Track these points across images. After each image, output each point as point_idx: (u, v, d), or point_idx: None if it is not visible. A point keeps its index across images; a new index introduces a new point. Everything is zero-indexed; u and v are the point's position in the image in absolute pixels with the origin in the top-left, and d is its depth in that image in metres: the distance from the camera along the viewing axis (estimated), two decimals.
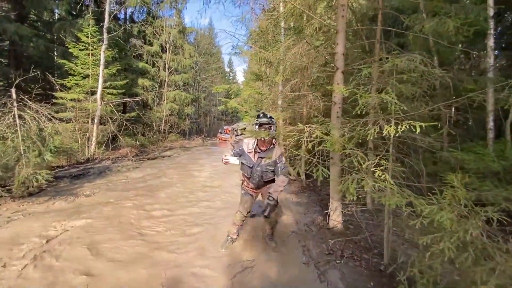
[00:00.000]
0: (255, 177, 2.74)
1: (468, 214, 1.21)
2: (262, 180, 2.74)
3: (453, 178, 1.31)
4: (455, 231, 1.14)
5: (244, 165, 2.78)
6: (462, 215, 1.21)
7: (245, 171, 2.80)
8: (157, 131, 14.27)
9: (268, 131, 2.62)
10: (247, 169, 2.76)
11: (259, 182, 2.76)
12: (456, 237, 1.12)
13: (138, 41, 14.52)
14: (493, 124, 3.50)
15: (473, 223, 1.11)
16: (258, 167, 2.70)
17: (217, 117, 31.82)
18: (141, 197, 4.81)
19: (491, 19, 3.45)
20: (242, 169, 2.83)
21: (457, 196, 1.25)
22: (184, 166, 8.50)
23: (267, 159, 2.65)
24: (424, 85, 2.84)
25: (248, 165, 2.73)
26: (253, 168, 2.73)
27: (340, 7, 2.82)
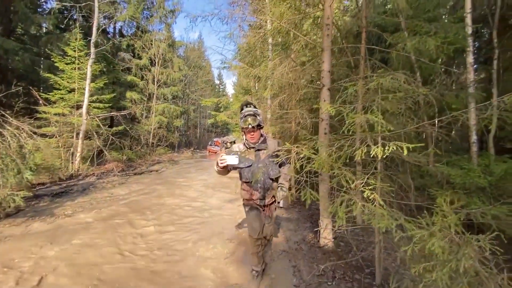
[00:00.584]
0: (259, 180, 2.33)
1: (459, 241, 1.17)
2: (270, 178, 2.35)
3: (442, 202, 1.29)
4: (448, 260, 1.11)
5: (243, 171, 2.39)
6: (454, 242, 1.18)
7: (245, 177, 2.39)
8: (145, 144, 14.01)
9: (254, 119, 2.28)
10: (247, 172, 2.37)
11: (265, 184, 2.34)
12: (448, 267, 1.08)
13: (127, 54, 14.48)
14: (476, 137, 3.57)
15: (465, 253, 1.08)
16: (259, 163, 2.34)
17: (207, 129, 31.67)
18: (125, 216, 4.60)
19: (469, 37, 3.59)
20: (242, 177, 2.42)
21: (447, 222, 1.22)
22: (171, 182, 8.29)
23: (265, 152, 2.37)
24: (408, 102, 2.89)
25: (248, 166, 2.35)
26: (254, 166, 2.35)
27: (325, 26, 2.87)
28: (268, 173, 2.35)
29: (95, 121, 9.70)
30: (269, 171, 2.35)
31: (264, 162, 2.35)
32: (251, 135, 2.32)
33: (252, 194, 2.41)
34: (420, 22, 3.46)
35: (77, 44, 9.31)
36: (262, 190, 2.37)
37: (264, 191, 2.37)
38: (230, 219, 4.62)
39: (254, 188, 2.39)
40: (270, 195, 2.41)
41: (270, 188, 2.39)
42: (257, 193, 2.39)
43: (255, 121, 2.25)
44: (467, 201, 2.31)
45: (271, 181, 2.38)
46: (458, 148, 4.50)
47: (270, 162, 2.34)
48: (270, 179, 2.37)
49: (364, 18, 3.41)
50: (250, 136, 2.34)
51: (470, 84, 3.53)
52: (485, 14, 4.66)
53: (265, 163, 2.35)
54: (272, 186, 2.40)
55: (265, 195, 2.38)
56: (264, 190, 2.37)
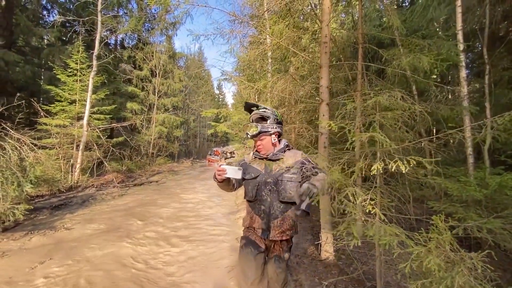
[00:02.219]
0: (264, 198, 1.70)
1: (455, 257, 1.23)
2: (280, 201, 1.68)
3: (437, 219, 1.35)
4: (444, 277, 1.16)
5: (247, 184, 1.81)
6: (449, 259, 1.23)
7: (249, 192, 1.78)
8: (144, 154, 14.04)
9: (257, 125, 1.78)
10: (252, 186, 1.76)
11: (272, 208, 1.69)
12: (444, 284, 1.13)
13: (128, 66, 14.68)
14: (471, 149, 3.65)
15: (460, 270, 1.13)
16: (269, 177, 1.73)
17: (207, 138, 31.77)
18: (124, 230, 4.59)
19: (461, 53, 3.72)
20: (246, 193, 1.83)
21: (442, 239, 1.28)
22: (171, 194, 8.29)
23: (280, 164, 1.76)
24: (405, 116, 2.98)
25: (253, 177, 1.77)
26: (261, 179, 1.74)
27: (323, 44, 2.99)
28: (279, 193, 1.68)
29: (96, 132, 9.77)
30: (280, 190, 1.68)
31: (275, 176, 1.72)
32: (257, 144, 1.83)
33: (252, 219, 1.76)
34: (414, 39, 3.60)
35: (79, 57, 9.48)
36: (266, 216, 1.69)
37: (269, 219, 1.68)
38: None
39: (256, 211, 1.73)
40: (279, 227, 1.67)
41: (280, 215, 1.68)
42: (258, 220, 1.71)
43: (255, 129, 1.77)
44: (464, 214, 2.37)
45: (282, 205, 1.69)
46: (455, 159, 4.58)
47: (284, 179, 1.70)
48: (281, 202, 1.68)
49: (360, 35, 3.55)
50: (257, 148, 1.85)
51: (464, 98, 3.64)
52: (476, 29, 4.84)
53: (276, 178, 1.71)
54: (284, 214, 1.69)
55: (269, 225, 1.68)
56: (269, 217, 1.69)
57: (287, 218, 1.71)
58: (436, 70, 3.07)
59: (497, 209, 2.46)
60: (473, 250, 1.61)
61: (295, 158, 1.78)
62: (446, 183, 2.73)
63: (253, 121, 1.83)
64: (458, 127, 3.03)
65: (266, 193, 1.73)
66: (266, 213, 1.71)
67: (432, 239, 1.31)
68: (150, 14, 16.08)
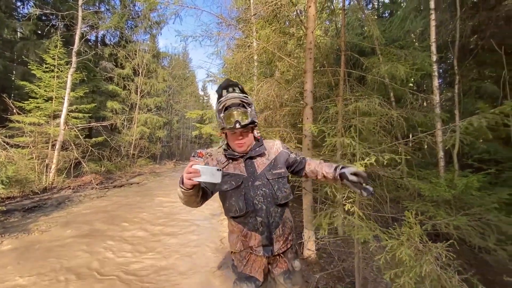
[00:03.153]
0: (258, 207, 1.34)
1: (423, 249, 1.36)
2: (277, 204, 1.37)
3: (409, 215, 1.48)
4: (413, 266, 1.28)
5: (228, 197, 1.39)
6: (419, 250, 1.36)
7: (234, 207, 1.36)
8: (125, 155, 13.65)
9: (245, 112, 1.33)
10: (236, 198, 1.36)
11: (271, 216, 1.36)
12: (413, 272, 1.25)
13: (109, 63, 14.27)
14: (443, 153, 3.93)
15: (427, 259, 1.26)
16: (256, 179, 1.38)
17: (191, 140, 31.34)
18: (103, 233, 4.47)
19: (434, 63, 4.01)
20: (228, 209, 1.40)
21: (413, 233, 1.40)
22: (152, 196, 8.14)
23: (264, 159, 1.43)
24: (383, 121, 3.18)
25: (235, 186, 1.36)
26: (249, 183, 1.37)
27: (308, 50, 3.12)
28: (274, 195, 1.37)
29: (74, 132, 9.40)
30: (275, 191, 1.37)
31: (264, 176, 1.39)
32: (239, 140, 1.38)
33: (247, 237, 1.37)
34: (392, 49, 3.84)
35: (57, 52, 9.10)
36: (266, 229, 1.34)
37: (270, 231, 1.35)
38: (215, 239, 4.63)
39: (250, 226, 1.36)
40: (282, 235, 1.38)
41: (280, 221, 1.38)
42: (256, 236, 1.35)
43: (246, 117, 1.32)
44: (435, 213, 2.55)
45: (279, 208, 1.39)
46: (428, 163, 4.89)
47: (275, 176, 1.39)
48: (278, 206, 1.38)
49: (343, 42, 3.73)
50: (238, 143, 1.39)
51: (436, 105, 3.91)
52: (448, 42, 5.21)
53: (266, 178, 1.38)
54: (283, 218, 1.40)
55: (271, 237, 1.35)
56: (270, 227, 1.35)
57: (286, 221, 1.41)
58: (412, 78, 3.29)
59: (464, 208, 2.68)
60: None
61: (276, 149, 1.50)
62: (419, 184, 2.93)
63: (233, 108, 1.32)
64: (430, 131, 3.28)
65: (259, 200, 1.34)
66: (265, 224, 1.34)
67: (404, 232, 1.44)
68: (134, 11, 15.74)
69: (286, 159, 1.50)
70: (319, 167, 1.45)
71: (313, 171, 1.48)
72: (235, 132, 1.36)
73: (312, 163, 1.50)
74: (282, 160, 1.47)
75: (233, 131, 1.35)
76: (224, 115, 1.32)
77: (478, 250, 2.66)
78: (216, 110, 1.39)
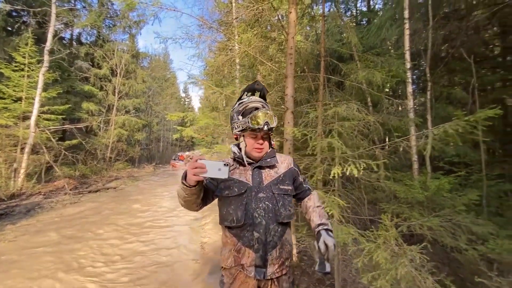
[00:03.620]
0: (258, 221, 1.23)
1: (398, 251, 1.40)
2: (279, 222, 1.26)
3: (385, 218, 1.51)
4: (389, 269, 1.31)
5: (228, 204, 1.29)
6: (395, 253, 1.39)
7: (232, 216, 1.26)
8: (101, 159, 13.08)
9: (273, 116, 1.29)
10: (236, 206, 1.26)
11: (269, 234, 1.24)
12: (389, 275, 1.28)
13: (85, 63, 13.66)
14: (416, 157, 4.10)
15: (402, 262, 1.29)
16: (261, 190, 1.28)
17: (171, 142, 30.66)
18: (73, 243, 4.21)
19: (408, 70, 4.19)
20: (225, 216, 1.29)
21: (389, 236, 1.44)
22: (129, 201, 7.86)
23: (271, 173, 1.34)
24: (360, 125, 3.27)
25: (238, 193, 1.27)
26: (252, 193, 1.27)
27: (289, 55, 3.16)
28: (277, 211, 1.26)
29: (45, 134, 8.87)
30: (279, 207, 1.27)
31: (269, 189, 1.30)
32: (259, 145, 1.30)
33: (240, 253, 1.25)
34: (369, 55, 3.97)
35: (28, 50, 8.60)
36: (262, 247, 1.22)
37: (266, 250, 1.23)
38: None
39: (245, 241, 1.24)
40: (278, 258, 1.25)
41: (278, 242, 1.26)
42: (250, 253, 1.23)
43: (273, 120, 1.28)
44: (409, 214, 2.65)
45: (280, 227, 1.27)
46: (403, 165, 5.09)
47: (281, 192, 1.31)
48: (279, 224, 1.27)
49: (322, 48, 3.81)
50: (257, 148, 1.31)
51: (410, 110, 4.09)
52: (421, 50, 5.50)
53: (271, 191, 1.29)
54: (282, 239, 1.27)
55: (266, 258, 1.23)
56: (266, 246, 1.23)
57: (285, 244, 1.29)
58: (388, 84, 3.42)
59: (435, 209, 2.81)
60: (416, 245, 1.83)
61: (287, 164, 1.40)
62: (395, 187, 3.03)
63: (258, 109, 1.28)
64: (405, 136, 3.42)
65: (260, 213, 1.24)
66: (261, 242, 1.22)
67: (380, 235, 1.47)
68: (112, 10, 15.22)
69: (294, 179, 1.40)
70: (312, 209, 1.37)
71: (307, 208, 1.40)
72: (257, 136, 1.30)
73: (311, 201, 1.41)
74: (290, 177, 1.38)
75: (256, 134, 1.29)
76: (252, 115, 1.25)
77: (451, 250, 2.79)
78: (236, 111, 1.34)
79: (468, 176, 3.87)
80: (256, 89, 1.39)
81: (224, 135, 7.83)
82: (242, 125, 1.29)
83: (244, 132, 1.31)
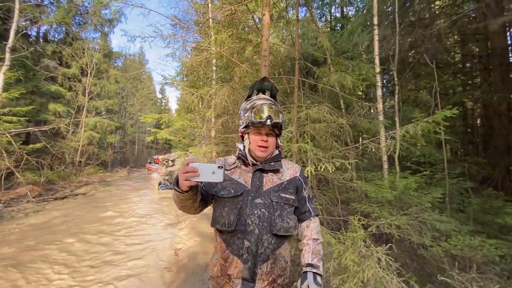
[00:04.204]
0: (250, 228, 1.13)
1: (366, 253, 1.42)
2: (273, 234, 1.15)
3: (353, 220, 1.53)
4: (357, 272, 1.32)
5: (222, 205, 1.20)
6: (362, 255, 1.41)
7: (224, 218, 1.16)
8: (70, 163, 12.31)
9: (278, 111, 1.22)
10: (230, 209, 1.17)
11: (262, 245, 1.13)
12: (357, 277, 1.29)
13: (52, 62, 12.81)
14: (386, 157, 4.27)
15: (368, 264, 1.31)
16: (259, 196, 1.18)
17: (146, 145, 29.62)
18: (34, 255, 3.87)
19: (378, 74, 4.36)
20: (217, 219, 1.19)
21: (357, 237, 1.46)
22: (100, 208, 7.46)
23: (274, 179, 1.23)
24: (333, 127, 3.34)
25: (234, 195, 1.18)
26: (249, 198, 1.18)
27: (263, 57, 3.15)
28: (273, 222, 1.15)
29: (5, 137, 8.17)
30: (275, 217, 1.16)
31: (268, 196, 1.19)
32: (264, 141, 1.21)
33: (227, 261, 1.15)
34: (341, 59, 4.09)
35: None
36: (252, 258, 1.12)
37: (255, 262, 1.12)
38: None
39: (234, 249, 1.15)
40: (269, 274, 1.13)
41: (271, 256, 1.15)
42: (238, 263, 1.13)
43: (278, 116, 1.21)
44: (379, 213, 2.74)
45: (274, 239, 1.16)
46: (374, 166, 5.28)
47: (281, 201, 1.19)
48: (275, 236, 1.16)
49: (297, 52, 3.86)
50: (261, 146, 1.21)
51: (380, 113, 4.25)
52: (390, 55, 5.76)
53: (270, 198, 1.19)
54: (275, 254, 1.16)
55: (255, 272, 1.12)
56: (256, 258, 1.12)
57: (279, 259, 1.16)
58: (358, 88, 3.53)
59: (403, 208, 2.92)
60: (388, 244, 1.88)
61: (293, 172, 1.28)
62: (366, 186, 3.12)
63: (264, 105, 1.21)
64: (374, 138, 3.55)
65: (254, 220, 1.13)
66: (251, 252, 1.11)
67: (349, 237, 1.48)
68: (82, 7, 14.46)
69: (297, 190, 1.26)
70: (307, 241, 1.24)
71: (302, 236, 1.27)
72: (261, 132, 1.21)
73: (309, 230, 1.26)
74: (294, 187, 1.25)
75: (260, 130, 1.20)
76: (255, 109, 1.19)
77: (417, 246, 2.91)
78: (243, 108, 1.27)
79: (433, 175, 4.08)
80: (265, 87, 1.31)
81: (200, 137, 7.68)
82: (246, 121, 1.22)
83: (248, 128, 1.23)
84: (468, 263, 2.57)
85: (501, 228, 3.44)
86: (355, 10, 8.47)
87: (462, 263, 2.60)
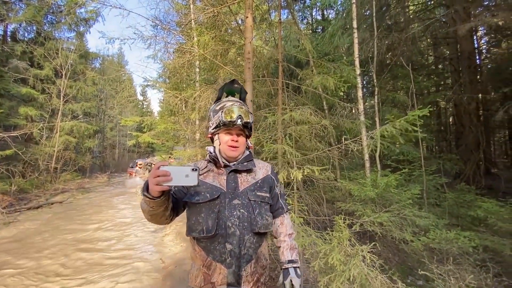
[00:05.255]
0: (231, 231, 1.11)
1: (351, 252, 1.46)
2: (255, 233, 1.15)
3: (338, 220, 1.57)
4: (343, 271, 1.35)
5: (198, 211, 1.14)
6: (348, 254, 1.45)
7: (202, 226, 1.11)
8: (44, 170, 11.66)
9: (248, 111, 1.23)
10: (207, 214, 1.12)
11: (244, 245, 1.11)
12: (343, 276, 1.32)
13: (22, 63, 12.09)
14: (368, 156, 4.41)
15: (354, 263, 1.35)
16: (236, 196, 1.17)
17: (128, 149, 28.67)
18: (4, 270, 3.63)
19: (358, 76, 4.50)
20: (193, 227, 1.13)
21: (343, 237, 1.49)
22: (79, 218, 7.14)
23: (249, 177, 1.24)
24: (317, 128, 3.40)
25: (210, 199, 1.14)
26: (226, 200, 1.15)
27: (246, 60, 3.15)
28: (253, 220, 1.15)
29: None
30: (256, 216, 1.16)
31: (245, 195, 1.18)
32: (233, 142, 1.21)
33: (210, 269, 1.11)
34: (323, 62, 4.18)
35: None
36: (236, 261, 1.10)
37: (239, 265, 1.10)
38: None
39: (216, 255, 1.11)
40: (253, 275, 1.13)
41: (254, 255, 1.14)
42: (221, 269, 1.10)
43: (248, 116, 1.21)
44: (363, 211, 2.82)
45: (255, 238, 1.16)
46: (357, 164, 5.44)
47: (258, 199, 1.20)
48: (255, 234, 1.16)
49: (280, 54, 3.90)
50: (231, 146, 1.20)
51: (361, 113, 4.39)
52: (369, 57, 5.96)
53: (248, 198, 1.18)
54: (257, 252, 1.16)
55: (240, 274, 1.10)
56: (240, 260, 1.11)
57: (261, 258, 1.17)
58: (340, 89, 3.63)
59: (385, 205, 3.03)
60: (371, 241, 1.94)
61: (265, 171, 1.31)
62: (350, 185, 3.20)
63: (234, 105, 1.20)
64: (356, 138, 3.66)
65: (234, 222, 1.11)
66: (234, 255, 1.09)
67: (334, 237, 1.52)
68: (55, 5, 13.77)
69: (270, 188, 1.29)
70: (283, 238, 1.28)
71: (277, 233, 1.30)
72: (231, 132, 1.20)
73: (284, 226, 1.30)
74: (267, 185, 1.28)
75: (230, 130, 1.20)
76: (225, 109, 1.18)
77: (399, 242, 3.03)
78: (212, 110, 1.25)
79: (411, 172, 4.27)
80: (234, 90, 1.32)
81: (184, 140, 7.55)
82: (216, 121, 1.20)
83: (218, 129, 1.22)
84: (445, 255, 2.71)
85: (473, 220, 3.66)
86: (335, 13, 8.69)
87: (440, 255, 2.74)
